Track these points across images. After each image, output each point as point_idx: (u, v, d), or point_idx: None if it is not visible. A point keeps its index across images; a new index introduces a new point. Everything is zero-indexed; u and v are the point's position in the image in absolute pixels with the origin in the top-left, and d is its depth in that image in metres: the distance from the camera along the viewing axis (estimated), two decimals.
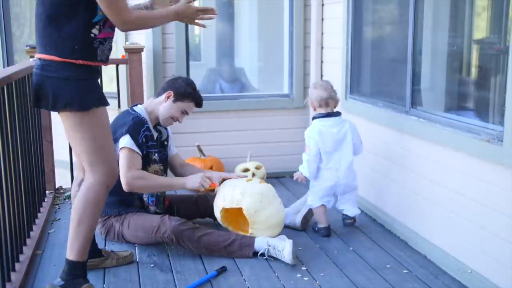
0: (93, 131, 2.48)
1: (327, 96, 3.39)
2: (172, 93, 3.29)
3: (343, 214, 3.58)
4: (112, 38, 2.54)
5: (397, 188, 3.52)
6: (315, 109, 3.46)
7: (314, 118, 3.47)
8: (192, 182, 3.19)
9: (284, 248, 3.02)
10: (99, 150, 2.51)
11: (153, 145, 3.27)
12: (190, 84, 3.35)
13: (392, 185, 3.59)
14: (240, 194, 3.12)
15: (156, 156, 3.29)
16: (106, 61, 2.55)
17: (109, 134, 2.58)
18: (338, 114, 3.47)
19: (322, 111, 3.42)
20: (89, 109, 2.45)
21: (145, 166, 3.23)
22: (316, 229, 3.51)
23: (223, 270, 2.94)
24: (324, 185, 3.45)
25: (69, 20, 2.38)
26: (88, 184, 2.54)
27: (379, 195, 3.78)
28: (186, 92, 3.31)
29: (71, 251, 2.60)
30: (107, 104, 2.55)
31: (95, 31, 2.42)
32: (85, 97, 2.44)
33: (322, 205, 3.48)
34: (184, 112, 3.36)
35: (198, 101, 3.37)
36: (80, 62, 2.41)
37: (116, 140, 3.09)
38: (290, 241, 3.06)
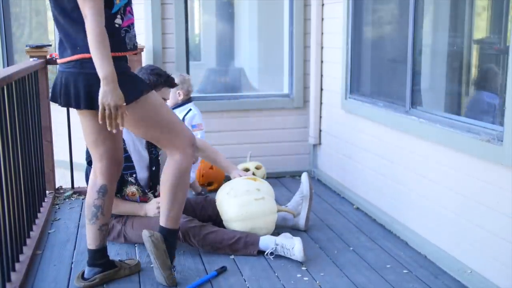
0: (156, 111, 2.56)
1: (192, 87, 4.28)
2: None
3: None
4: (134, 23, 2.55)
5: (397, 188, 3.52)
6: (181, 97, 4.17)
7: (188, 102, 4.19)
8: (151, 210, 3.19)
9: (294, 246, 3.02)
10: (171, 125, 2.61)
11: (128, 166, 3.14)
12: (152, 71, 3.23)
13: (392, 185, 3.58)
14: (226, 185, 3.38)
15: (132, 178, 3.19)
16: (135, 48, 2.55)
17: (170, 110, 2.71)
18: None
19: (187, 97, 4.22)
20: (141, 95, 2.50)
21: (121, 187, 3.17)
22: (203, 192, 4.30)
23: (223, 270, 2.94)
24: None
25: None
26: (177, 158, 2.63)
27: (379, 195, 3.78)
28: (155, 82, 3.19)
29: (168, 220, 2.72)
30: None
31: (118, 21, 2.44)
32: (136, 85, 2.51)
33: None
34: (164, 100, 3.25)
35: (169, 83, 3.29)
36: (118, 54, 2.43)
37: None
38: (299, 238, 3.07)
